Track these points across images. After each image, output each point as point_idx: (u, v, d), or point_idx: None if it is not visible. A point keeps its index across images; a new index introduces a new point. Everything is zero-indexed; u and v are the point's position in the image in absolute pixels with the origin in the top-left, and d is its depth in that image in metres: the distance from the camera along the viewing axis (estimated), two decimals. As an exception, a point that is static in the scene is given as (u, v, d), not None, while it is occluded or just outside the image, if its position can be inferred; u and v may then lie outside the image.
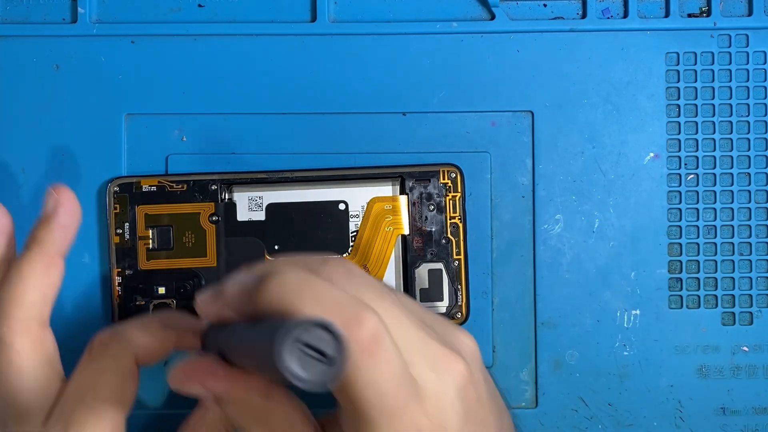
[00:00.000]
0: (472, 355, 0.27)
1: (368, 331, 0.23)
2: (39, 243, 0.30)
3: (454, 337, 0.27)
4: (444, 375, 0.25)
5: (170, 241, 0.35)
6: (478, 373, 0.27)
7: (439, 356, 0.25)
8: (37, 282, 0.29)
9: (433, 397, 0.25)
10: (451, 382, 0.25)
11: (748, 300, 0.35)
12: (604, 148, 0.36)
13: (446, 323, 0.28)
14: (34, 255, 0.29)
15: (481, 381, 0.27)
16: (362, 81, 0.36)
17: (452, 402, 0.25)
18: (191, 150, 0.36)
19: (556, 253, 0.35)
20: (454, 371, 0.25)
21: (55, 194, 0.30)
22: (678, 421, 0.35)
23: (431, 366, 0.25)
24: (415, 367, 0.25)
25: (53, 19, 0.36)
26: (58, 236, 0.30)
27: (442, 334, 0.27)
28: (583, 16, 0.36)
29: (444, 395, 0.25)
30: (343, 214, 0.35)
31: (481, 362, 0.28)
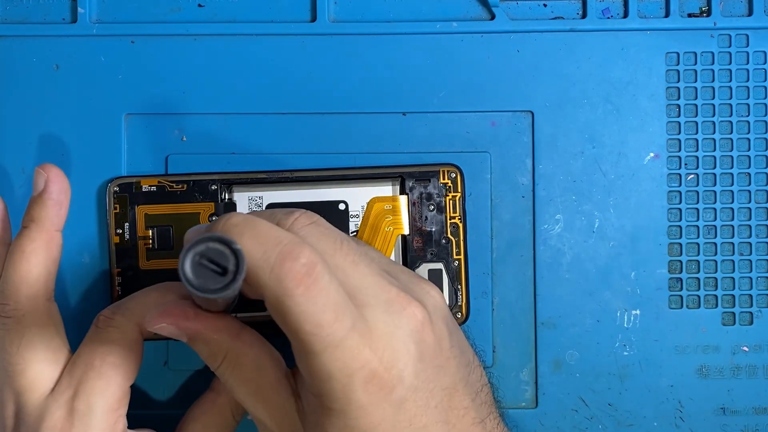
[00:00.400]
0: (435, 306, 0.28)
1: (302, 264, 0.25)
2: (36, 221, 0.31)
3: (419, 287, 0.29)
4: (398, 317, 0.26)
5: (170, 241, 0.35)
6: (440, 321, 0.28)
7: (395, 300, 0.27)
8: (39, 258, 0.30)
9: (383, 337, 0.26)
10: (405, 324, 0.26)
11: (748, 300, 0.35)
12: (604, 148, 0.36)
13: (414, 276, 0.29)
14: (34, 233, 0.31)
15: (442, 329, 0.28)
16: (362, 81, 0.36)
17: (405, 343, 0.26)
18: (191, 150, 0.36)
19: (556, 253, 0.35)
20: (409, 315, 0.27)
21: (44, 172, 0.31)
22: (678, 421, 0.35)
23: (385, 309, 0.26)
24: (368, 308, 0.26)
25: (53, 19, 0.36)
26: (53, 212, 0.31)
27: (406, 283, 0.28)
28: (583, 16, 0.36)
29: (395, 336, 0.26)
30: (343, 214, 0.35)
31: (446, 314, 0.29)
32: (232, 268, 0.24)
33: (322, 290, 0.25)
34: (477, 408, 0.29)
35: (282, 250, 0.25)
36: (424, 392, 0.27)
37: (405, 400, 0.26)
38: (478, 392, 0.29)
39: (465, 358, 0.29)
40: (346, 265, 0.27)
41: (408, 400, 0.26)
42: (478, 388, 0.29)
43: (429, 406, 0.27)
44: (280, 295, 0.25)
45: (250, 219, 0.26)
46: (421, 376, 0.26)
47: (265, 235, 0.25)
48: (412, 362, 0.26)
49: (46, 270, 0.31)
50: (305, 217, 0.27)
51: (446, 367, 0.28)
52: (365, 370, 0.25)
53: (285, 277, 0.24)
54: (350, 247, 0.27)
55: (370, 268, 0.27)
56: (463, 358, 0.29)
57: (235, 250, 0.24)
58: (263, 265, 0.25)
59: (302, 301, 0.25)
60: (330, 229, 0.28)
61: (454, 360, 0.28)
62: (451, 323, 0.29)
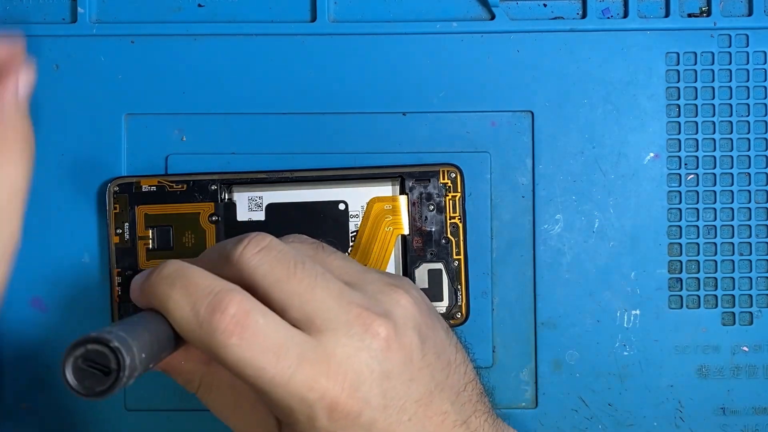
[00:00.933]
0: (404, 315, 0.27)
1: (231, 315, 0.24)
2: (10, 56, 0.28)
3: (387, 297, 0.28)
4: (359, 339, 0.26)
5: (170, 241, 0.35)
6: (410, 331, 0.27)
7: (354, 321, 0.26)
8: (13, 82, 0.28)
9: (343, 362, 0.25)
10: (368, 344, 0.26)
11: (748, 300, 0.35)
12: (604, 148, 0.36)
13: (382, 285, 0.28)
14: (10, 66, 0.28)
15: (412, 340, 0.27)
16: (362, 81, 0.36)
17: (367, 364, 0.26)
18: (191, 150, 0.36)
19: (556, 253, 0.35)
20: (371, 334, 0.26)
21: None
22: (678, 421, 0.35)
23: (345, 332, 0.26)
24: (326, 333, 0.26)
25: (53, 18, 0.36)
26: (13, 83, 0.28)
27: (373, 296, 0.27)
28: (583, 16, 0.36)
29: (357, 358, 0.26)
30: (343, 214, 0.35)
31: (417, 320, 0.28)
32: (114, 366, 0.23)
33: (257, 335, 0.25)
34: (458, 410, 0.28)
35: (211, 302, 0.25)
36: (395, 409, 0.26)
37: (375, 421, 0.26)
38: (459, 392, 0.29)
39: (442, 361, 0.28)
40: (302, 290, 0.26)
41: (378, 421, 0.26)
42: (460, 388, 0.29)
43: (401, 421, 0.26)
44: (215, 348, 0.25)
45: (183, 269, 0.26)
46: (389, 394, 0.26)
47: (194, 287, 0.25)
48: (377, 383, 0.26)
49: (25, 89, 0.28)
50: (254, 244, 0.26)
51: (418, 378, 0.27)
52: (326, 399, 0.25)
53: (215, 330, 0.24)
54: (305, 269, 0.26)
55: (328, 290, 0.26)
56: (439, 362, 0.28)
57: (113, 349, 0.23)
58: (193, 320, 0.25)
59: (238, 351, 0.24)
60: (283, 252, 0.27)
61: (427, 369, 0.27)
62: (425, 328, 0.28)
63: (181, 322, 0.25)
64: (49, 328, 0.35)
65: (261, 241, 0.27)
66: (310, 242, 0.29)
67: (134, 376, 0.24)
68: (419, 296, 0.29)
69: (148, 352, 0.25)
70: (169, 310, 0.25)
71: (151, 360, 0.25)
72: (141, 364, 0.24)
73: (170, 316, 0.26)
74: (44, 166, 0.35)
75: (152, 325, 0.26)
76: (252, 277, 0.26)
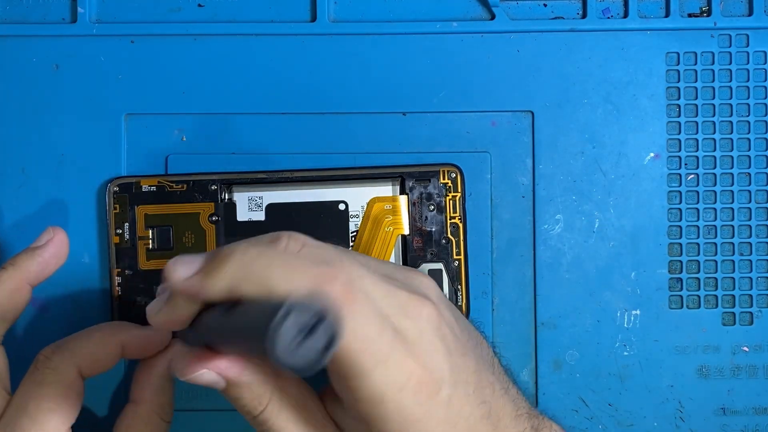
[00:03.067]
0: (437, 296, 0.28)
1: (342, 283, 0.24)
2: (15, 267, 0.31)
3: (418, 282, 0.28)
4: (418, 320, 0.26)
5: (170, 241, 0.35)
6: (446, 310, 0.28)
7: (408, 303, 0.26)
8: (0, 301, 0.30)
9: (416, 342, 0.25)
10: (426, 324, 0.26)
11: (748, 300, 0.35)
12: (604, 148, 0.36)
13: (405, 270, 0.29)
14: (5, 276, 0.30)
15: (450, 318, 0.28)
16: (362, 81, 0.36)
17: (433, 342, 0.26)
18: (191, 150, 0.36)
19: (556, 253, 0.35)
20: (425, 314, 0.26)
21: (52, 232, 0.31)
22: (678, 421, 0.35)
23: (405, 314, 0.26)
24: (390, 317, 0.25)
25: (53, 18, 0.36)
26: (35, 268, 0.31)
27: (404, 281, 0.28)
28: (583, 16, 0.36)
29: (424, 338, 0.26)
30: (343, 214, 0.35)
31: (446, 300, 0.29)
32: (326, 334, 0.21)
33: (364, 305, 0.24)
34: (499, 379, 0.29)
35: (318, 272, 0.24)
36: (462, 383, 0.27)
37: (451, 397, 0.26)
38: (493, 364, 0.29)
39: (474, 337, 0.29)
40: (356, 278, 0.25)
41: (453, 396, 0.26)
42: (491, 360, 0.29)
43: (468, 393, 0.27)
44: None
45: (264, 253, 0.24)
46: (455, 368, 0.26)
47: (289, 264, 0.24)
48: (444, 359, 0.26)
49: (1, 314, 0.30)
50: (294, 242, 0.26)
51: (467, 351, 0.28)
52: (413, 379, 0.25)
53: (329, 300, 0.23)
54: (350, 259, 0.26)
55: (375, 277, 0.26)
56: (471, 337, 0.29)
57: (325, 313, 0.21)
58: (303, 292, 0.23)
59: (350, 320, 0.23)
60: (320, 246, 0.26)
61: (469, 342, 0.28)
62: (451, 306, 0.29)
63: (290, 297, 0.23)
64: (49, 328, 0.35)
65: (299, 237, 0.26)
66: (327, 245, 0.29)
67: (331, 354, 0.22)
68: None
69: None
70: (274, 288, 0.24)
71: None
72: None
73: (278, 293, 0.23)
74: (44, 166, 0.35)
75: None
76: None
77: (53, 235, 0.31)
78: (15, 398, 0.29)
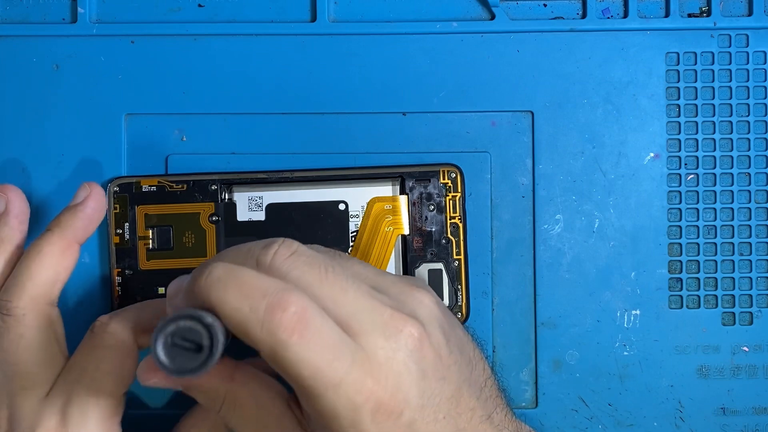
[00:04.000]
0: (429, 315, 0.28)
1: (292, 312, 0.24)
2: (61, 227, 0.31)
3: (410, 298, 0.28)
4: (395, 340, 0.26)
5: (170, 241, 0.35)
6: (436, 330, 0.28)
7: (389, 322, 0.26)
8: (52, 261, 0.31)
9: (384, 363, 0.26)
10: (404, 345, 0.26)
11: (748, 300, 0.35)
12: (604, 148, 0.36)
13: (402, 285, 0.29)
14: (55, 237, 0.31)
15: (439, 339, 0.28)
16: (362, 81, 0.36)
17: (405, 364, 0.26)
18: (191, 150, 0.36)
19: (556, 253, 0.35)
20: (406, 335, 0.26)
21: (88, 188, 0.32)
22: (678, 421, 0.35)
23: (382, 333, 0.26)
24: (364, 336, 0.26)
25: (53, 19, 0.36)
26: (80, 225, 0.32)
27: (397, 297, 0.28)
28: (583, 16, 0.36)
29: (396, 359, 0.26)
30: (343, 214, 0.35)
31: (440, 318, 0.28)
32: (206, 343, 0.23)
33: (316, 333, 0.25)
34: (483, 405, 0.29)
35: (270, 301, 0.24)
36: (431, 408, 0.26)
37: (414, 421, 0.26)
38: (482, 388, 0.29)
39: (465, 357, 0.29)
40: (335, 293, 0.26)
41: (417, 421, 0.26)
42: (482, 383, 0.29)
43: (438, 419, 0.27)
44: (275, 347, 0.24)
45: (233, 271, 0.25)
46: (426, 393, 0.26)
47: (249, 287, 0.25)
48: (415, 383, 0.26)
49: (56, 274, 0.31)
50: (285, 248, 0.26)
51: (448, 375, 0.27)
52: (371, 401, 0.25)
53: (277, 329, 0.24)
54: (336, 272, 0.26)
55: (360, 291, 0.26)
56: (463, 358, 0.29)
57: (206, 325, 0.23)
58: (253, 320, 0.24)
59: (298, 350, 0.24)
60: (312, 256, 0.27)
61: (455, 366, 0.28)
62: (448, 326, 0.29)
63: (240, 323, 0.25)
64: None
65: (291, 245, 0.26)
66: (325, 250, 0.29)
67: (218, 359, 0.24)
68: (436, 296, 0.29)
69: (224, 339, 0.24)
70: (226, 312, 0.25)
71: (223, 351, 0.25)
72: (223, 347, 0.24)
73: (228, 317, 0.25)
74: (44, 166, 0.35)
75: None
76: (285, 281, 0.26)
77: (90, 190, 0.32)
78: (73, 360, 0.30)
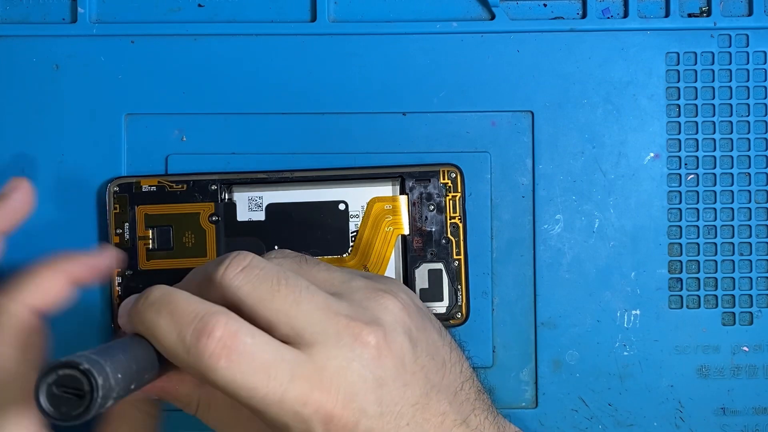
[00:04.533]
0: (393, 320, 0.27)
1: (217, 338, 0.24)
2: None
3: (374, 304, 0.28)
4: (349, 349, 0.26)
5: (170, 241, 0.35)
6: (400, 337, 0.27)
7: (343, 331, 0.26)
8: None
9: (336, 374, 0.25)
10: (359, 354, 0.26)
11: (748, 300, 0.35)
12: (604, 148, 0.36)
13: (369, 291, 0.28)
14: None
15: (403, 344, 0.27)
16: (362, 81, 0.36)
17: (360, 374, 0.26)
18: (191, 150, 0.36)
19: (556, 253, 0.35)
20: (362, 343, 0.26)
21: (15, 182, 0.32)
22: (678, 421, 0.35)
23: (335, 343, 0.26)
24: (316, 347, 0.26)
25: (53, 19, 0.36)
26: (5, 215, 0.31)
27: (359, 303, 0.27)
28: (583, 16, 0.36)
29: (350, 369, 0.26)
30: (343, 214, 0.35)
31: (407, 323, 0.28)
32: (87, 388, 0.23)
33: (245, 356, 0.25)
34: (457, 409, 0.28)
35: (196, 327, 0.25)
36: (392, 415, 0.26)
37: (372, 430, 0.26)
38: (456, 391, 0.28)
39: (436, 362, 0.28)
40: (287, 306, 0.26)
41: (375, 429, 0.26)
42: (457, 387, 0.29)
43: (399, 426, 0.26)
44: (205, 373, 0.25)
45: (168, 295, 0.26)
46: (385, 401, 0.26)
47: (180, 312, 0.25)
48: (371, 391, 0.26)
49: None
50: (235, 264, 0.26)
51: (412, 382, 0.27)
52: (321, 413, 0.25)
53: (203, 354, 0.24)
54: (288, 285, 0.26)
55: (314, 303, 0.26)
56: (433, 363, 0.28)
57: (83, 371, 0.23)
58: (180, 346, 0.25)
59: (227, 373, 0.24)
60: (265, 269, 0.26)
61: (421, 371, 0.27)
62: (416, 330, 0.28)
63: (168, 349, 0.25)
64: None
65: (242, 260, 0.26)
66: (293, 256, 0.29)
67: (112, 398, 0.24)
68: (408, 299, 0.29)
69: (126, 373, 0.24)
70: (156, 337, 0.25)
71: (132, 381, 0.25)
72: (117, 386, 0.24)
73: (158, 343, 0.25)
74: (44, 167, 0.35)
75: (132, 347, 0.25)
76: (236, 297, 0.26)
77: (17, 183, 0.31)
78: None
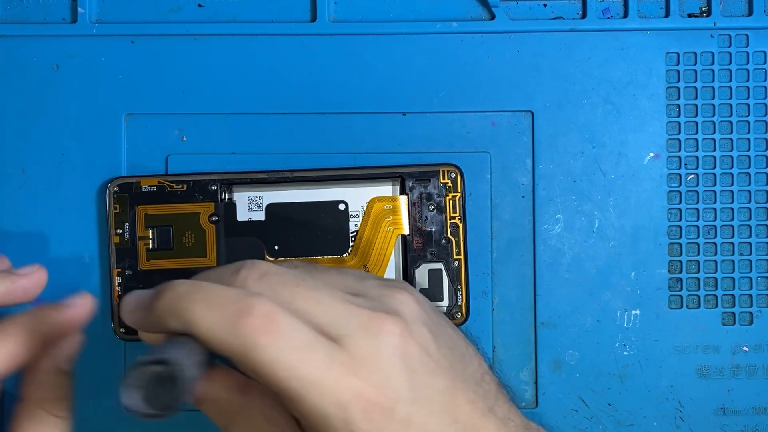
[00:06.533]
0: (412, 313, 0.28)
1: (258, 315, 0.25)
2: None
3: (391, 298, 0.28)
4: (376, 339, 0.26)
5: (170, 241, 0.35)
6: (420, 327, 0.28)
7: (368, 322, 0.26)
8: None
9: (368, 360, 0.26)
10: (386, 343, 0.26)
11: (748, 300, 0.35)
12: (604, 148, 0.36)
13: (383, 286, 0.29)
14: None
15: (424, 335, 0.28)
16: (362, 81, 0.36)
17: (391, 361, 0.26)
18: (191, 150, 0.36)
19: (556, 253, 0.35)
20: (387, 332, 0.26)
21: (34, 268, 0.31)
22: (678, 421, 0.35)
23: (363, 334, 0.26)
24: (345, 339, 0.26)
25: (53, 19, 0.36)
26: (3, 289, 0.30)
27: (377, 299, 0.28)
28: (583, 16, 0.36)
29: (380, 356, 0.26)
30: (343, 214, 0.35)
31: (425, 317, 0.28)
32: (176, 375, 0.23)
33: (286, 333, 0.25)
34: (483, 398, 0.28)
35: (235, 308, 0.25)
36: (425, 401, 0.26)
37: (410, 415, 0.26)
38: (479, 382, 0.29)
39: (456, 353, 0.29)
40: (309, 305, 0.26)
41: (412, 414, 0.26)
42: (479, 378, 0.29)
43: (433, 412, 0.26)
44: (247, 352, 0.25)
45: (196, 285, 0.26)
46: (417, 387, 0.26)
47: (215, 298, 0.25)
48: (404, 378, 0.26)
49: None
50: (255, 271, 0.27)
51: (438, 370, 0.27)
52: (360, 399, 0.25)
53: (246, 333, 0.24)
54: (308, 284, 0.27)
55: (334, 298, 0.27)
56: (454, 354, 0.29)
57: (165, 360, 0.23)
58: (222, 329, 0.25)
59: (270, 350, 0.24)
60: (281, 273, 0.27)
61: (445, 360, 0.28)
62: (434, 324, 0.29)
63: (210, 332, 0.25)
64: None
65: (258, 268, 0.27)
66: (302, 264, 0.30)
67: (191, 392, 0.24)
68: (420, 296, 0.29)
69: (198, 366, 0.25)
70: (195, 324, 0.25)
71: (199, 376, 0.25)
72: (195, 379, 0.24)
73: (197, 329, 0.25)
74: (44, 166, 0.35)
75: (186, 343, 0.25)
76: None
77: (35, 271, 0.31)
78: None
